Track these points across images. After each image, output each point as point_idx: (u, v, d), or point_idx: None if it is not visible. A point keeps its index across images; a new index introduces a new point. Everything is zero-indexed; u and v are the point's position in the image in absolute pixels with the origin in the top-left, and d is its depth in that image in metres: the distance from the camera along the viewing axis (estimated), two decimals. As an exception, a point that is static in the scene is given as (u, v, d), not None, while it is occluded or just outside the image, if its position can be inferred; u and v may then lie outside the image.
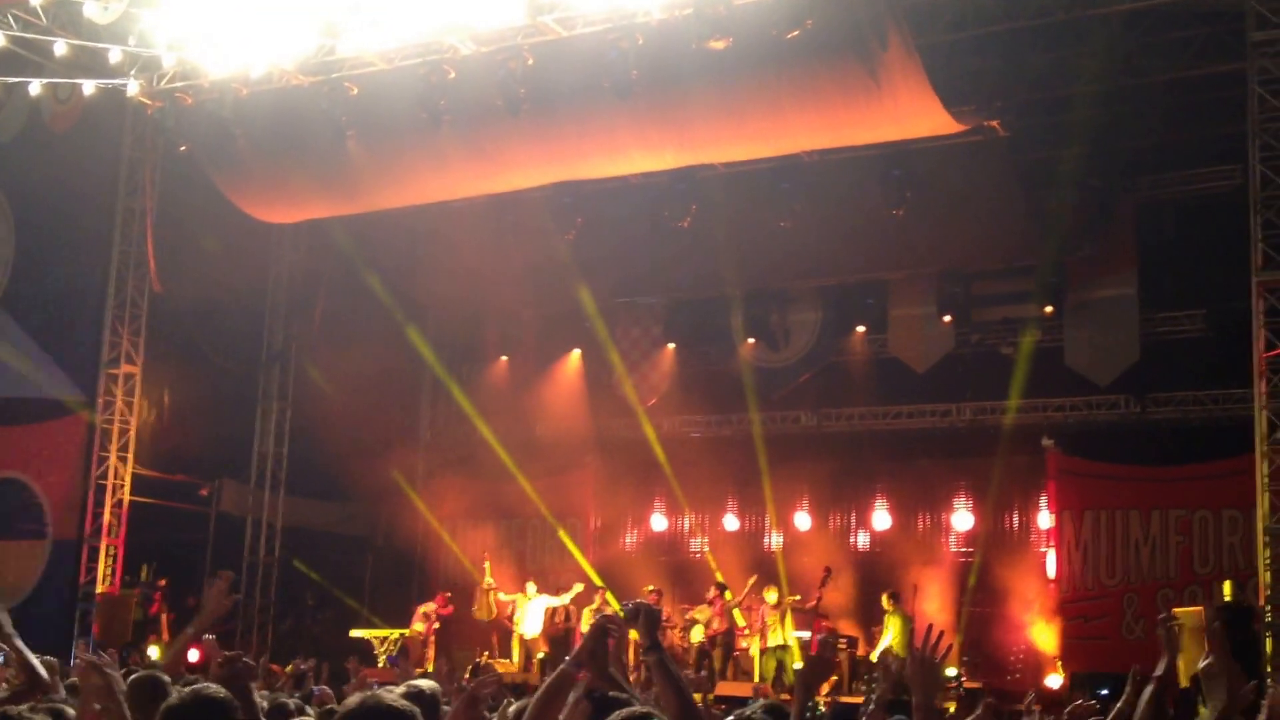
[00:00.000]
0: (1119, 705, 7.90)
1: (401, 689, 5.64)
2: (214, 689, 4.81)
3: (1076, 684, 22.62)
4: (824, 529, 28.35)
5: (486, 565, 27.57)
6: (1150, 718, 7.08)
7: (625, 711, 4.91)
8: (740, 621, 25.38)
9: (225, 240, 26.21)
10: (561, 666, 5.45)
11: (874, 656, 24.01)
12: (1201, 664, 4.03)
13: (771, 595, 24.78)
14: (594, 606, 25.57)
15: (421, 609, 26.95)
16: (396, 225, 27.09)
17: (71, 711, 6.44)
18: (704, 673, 23.68)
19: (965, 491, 27.27)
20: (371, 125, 22.91)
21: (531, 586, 27.00)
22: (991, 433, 26.63)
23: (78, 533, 25.48)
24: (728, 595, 25.52)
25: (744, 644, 25.25)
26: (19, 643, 7.43)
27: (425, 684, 6.21)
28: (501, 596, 27.29)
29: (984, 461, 26.37)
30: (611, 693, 5.45)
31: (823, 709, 15.26)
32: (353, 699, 4.40)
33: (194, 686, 4.88)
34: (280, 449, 30.01)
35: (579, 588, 26.88)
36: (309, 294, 29.97)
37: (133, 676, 6.95)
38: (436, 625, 26.82)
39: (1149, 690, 7.17)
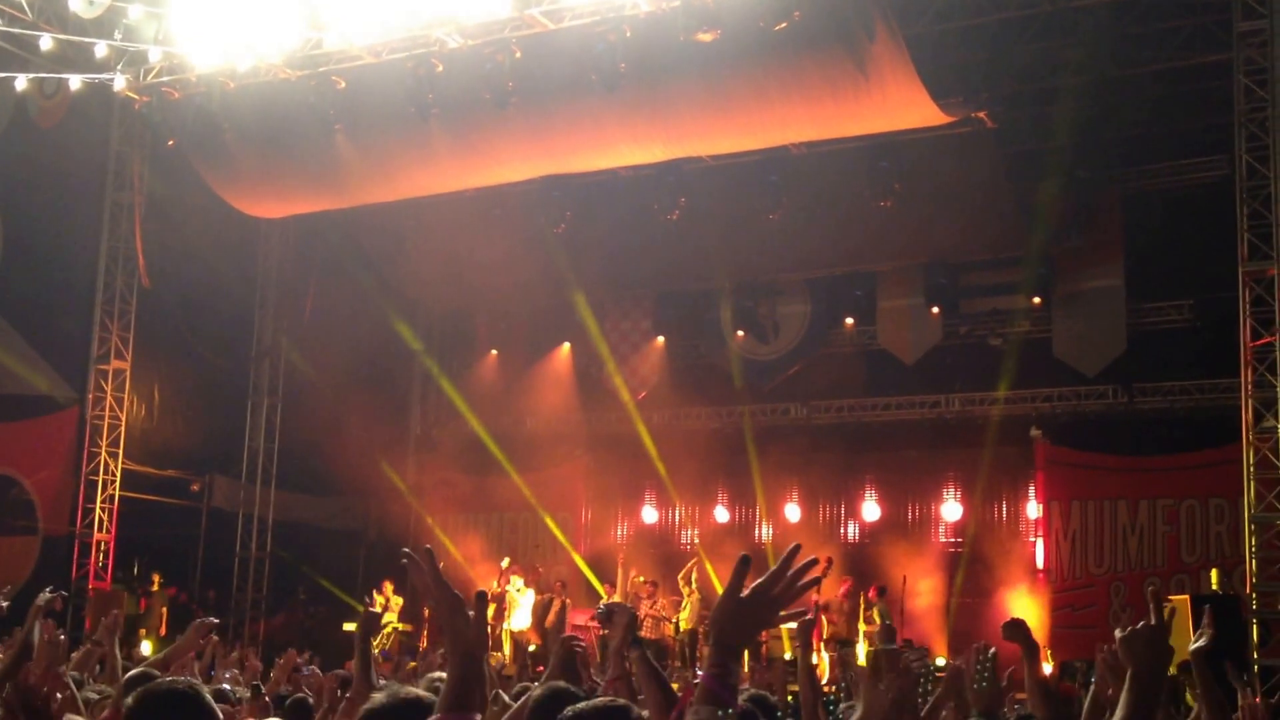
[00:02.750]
0: (1093, 689, 7.85)
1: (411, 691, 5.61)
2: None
3: (1065, 672, 22.71)
4: (814, 520, 28.41)
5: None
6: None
7: (601, 701, 4.91)
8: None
9: (214, 235, 26.25)
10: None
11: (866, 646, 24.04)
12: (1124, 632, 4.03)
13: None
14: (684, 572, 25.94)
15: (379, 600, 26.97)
16: (385, 219, 27.13)
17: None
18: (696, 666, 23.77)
19: (954, 482, 27.35)
20: (359, 119, 22.96)
21: (517, 580, 27.02)
22: (980, 423, 26.68)
23: (69, 528, 25.54)
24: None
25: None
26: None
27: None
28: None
29: (972, 452, 26.47)
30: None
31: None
32: (379, 695, 4.41)
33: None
34: (271, 444, 29.98)
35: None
36: (298, 288, 29.96)
37: (128, 674, 7.00)
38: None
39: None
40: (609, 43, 20.44)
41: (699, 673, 4.05)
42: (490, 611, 26.38)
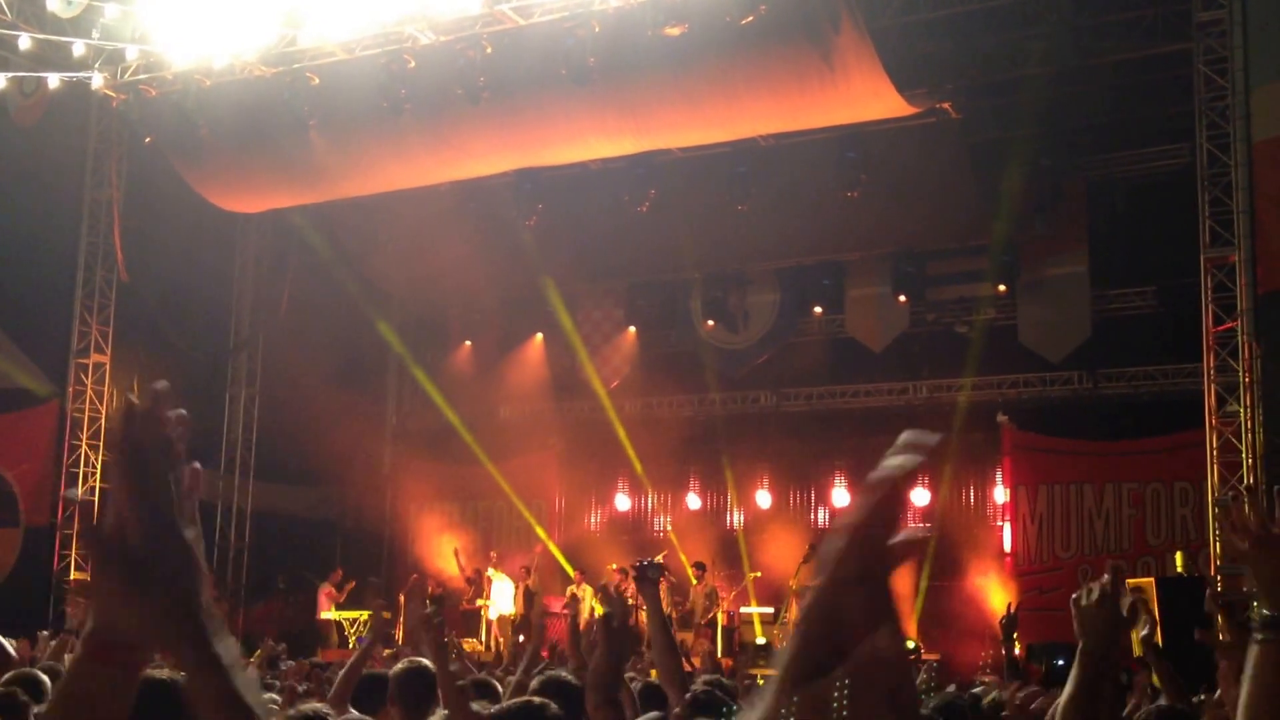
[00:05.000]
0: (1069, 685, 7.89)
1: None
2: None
3: (1032, 654, 22.95)
4: (784, 506, 28.64)
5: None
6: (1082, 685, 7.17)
7: (516, 702, 5.05)
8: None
9: (191, 230, 26.45)
10: None
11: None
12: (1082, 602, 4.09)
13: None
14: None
15: (325, 590, 27.39)
16: (359, 213, 27.34)
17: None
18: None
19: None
20: (333, 115, 23.17)
21: (498, 574, 27.29)
22: (947, 410, 26.77)
23: (50, 520, 25.76)
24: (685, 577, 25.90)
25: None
26: None
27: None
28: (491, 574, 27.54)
29: (940, 438, 26.61)
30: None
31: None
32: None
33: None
34: (249, 435, 30.15)
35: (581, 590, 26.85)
36: (275, 282, 30.13)
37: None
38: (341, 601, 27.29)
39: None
40: (578, 38, 20.71)
41: None
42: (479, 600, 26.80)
